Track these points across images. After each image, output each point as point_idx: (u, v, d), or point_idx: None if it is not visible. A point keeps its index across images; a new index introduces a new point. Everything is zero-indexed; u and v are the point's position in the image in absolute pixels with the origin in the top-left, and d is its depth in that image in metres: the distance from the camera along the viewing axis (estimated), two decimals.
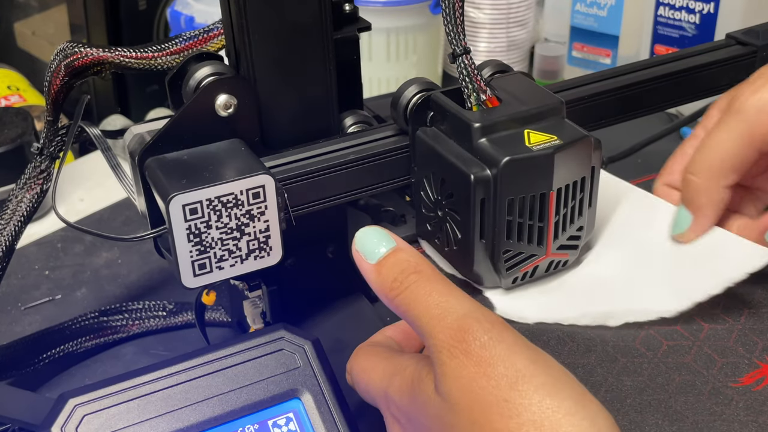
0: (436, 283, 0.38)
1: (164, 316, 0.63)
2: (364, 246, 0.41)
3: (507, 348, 0.35)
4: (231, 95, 0.47)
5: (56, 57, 0.50)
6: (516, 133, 0.46)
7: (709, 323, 0.48)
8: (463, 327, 0.36)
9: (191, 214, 0.43)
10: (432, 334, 0.37)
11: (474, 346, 0.36)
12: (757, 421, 0.42)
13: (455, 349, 0.36)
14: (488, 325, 0.36)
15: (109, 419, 0.40)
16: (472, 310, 0.37)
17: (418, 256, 0.40)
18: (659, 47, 0.93)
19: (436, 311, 0.37)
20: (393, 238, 0.41)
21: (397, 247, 0.40)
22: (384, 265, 0.40)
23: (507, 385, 0.35)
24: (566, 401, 0.34)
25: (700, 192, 0.49)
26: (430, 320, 0.37)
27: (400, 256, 0.40)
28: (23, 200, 0.53)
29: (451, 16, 0.47)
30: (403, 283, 0.39)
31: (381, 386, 0.41)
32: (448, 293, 0.38)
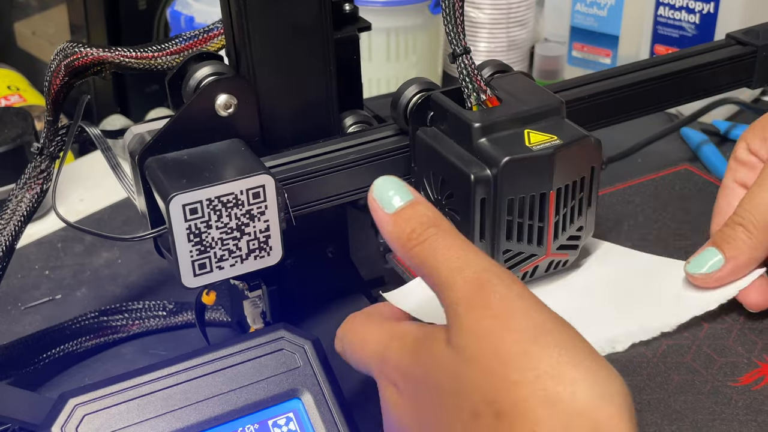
0: (456, 237, 0.38)
1: (164, 316, 0.63)
2: (382, 195, 0.40)
3: (526, 303, 0.35)
4: (231, 95, 0.47)
5: (56, 57, 0.50)
6: (516, 133, 0.46)
7: (708, 322, 0.48)
8: (483, 279, 0.36)
9: (191, 213, 0.43)
10: (450, 286, 0.36)
11: (494, 298, 0.35)
12: (756, 421, 0.42)
13: (474, 300, 0.35)
14: (509, 281, 0.36)
15: (109, 419, 0.40)
16: (493, 265, 0.37)
17: (436, 211, 0.39)
18: (659, 47, 0.93)
19: (455, 263, 0.37)
20: (411, 191, 0.40)
21: (415, 199, 0.40)
22: (402, 215, 0.39)
23: (527, 338, 0.34)
24: (585, 360, 0.34)
25: (746, 246, 0.47)
26: (450, 272, 0.37)
27: (418, 209, 0.39)
28: (23, 200, 0.53)
29: (451, 16, 0.47)
30: (422, 235, 0.38)
31: (377, 349, 0.40)
32: (468, 248, 0.37)
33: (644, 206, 0.59)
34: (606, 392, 0.33)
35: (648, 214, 0.58)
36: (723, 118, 0.89)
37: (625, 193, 0.61)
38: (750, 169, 0.52)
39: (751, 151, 0.52)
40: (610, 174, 0.72)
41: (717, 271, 0.48)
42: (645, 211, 0.59)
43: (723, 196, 0.53)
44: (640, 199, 0.60)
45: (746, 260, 0.48)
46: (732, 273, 0.48)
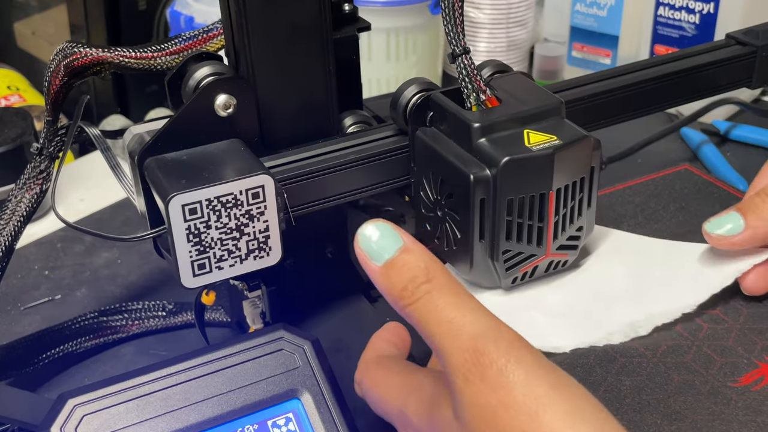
0: (448, 294, 0.36)
1: (164, 316, 0.63)
2: (369, 246, 0.38)
3: (526, 372, 0.33)
4: (230, 95, 0.47)
5: (56, 57, 0.50)
6: (515, 133, 0.46)
7: (708, 323, 0.48)
8: (479, 349, 0.34)
9: (191, 214, 0.43)
10: (446, 355, 0.35)
11: (490, 371, 0.34)
12: (755, 421, 0.42)
13: (471, 373, 0.34)
14: (505, 347, 0.34)
15: (108, 419, 0.40)
16: (488, 328, 0.35)
17: (429, 258, 0.37)
18: (659, 47, 0.93)
19: (448, 329, 0.35)
20: (400, 234, 0.38)
21: (404, 246, 0.37)
22: (392, 268, 0.37)
23: (526, 415, 0.33)
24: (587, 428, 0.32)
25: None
26: (443, 339, 0.35)
27: (408, 260, 0.37)
28: (23, 200, 0.53)
29: (451, 16, 0.47)
30: (414, 294, 0.36)
31: (396, 404, 0.40)
32: (462, 306, 0.36)
33: (644, 206, 0.59)
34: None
35: (648, 214, 0.58)
36: (723, 118, 0.89)
37: (624, 194, 0.61)
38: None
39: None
40: (610, 174, 0.72)
41: (735, 235, 0.47)
42: (645, 211, 0.59)
43: (763, 172, 0.52)
44: (640, 199, 0.60)
45: (765, 232, 0.47)
46: (748, 241, 0.47)
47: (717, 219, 0.48)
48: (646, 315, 0.47)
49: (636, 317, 0.47)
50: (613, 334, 0.46)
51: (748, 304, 0.49)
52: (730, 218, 0.48)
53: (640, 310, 0.47)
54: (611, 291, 0.49)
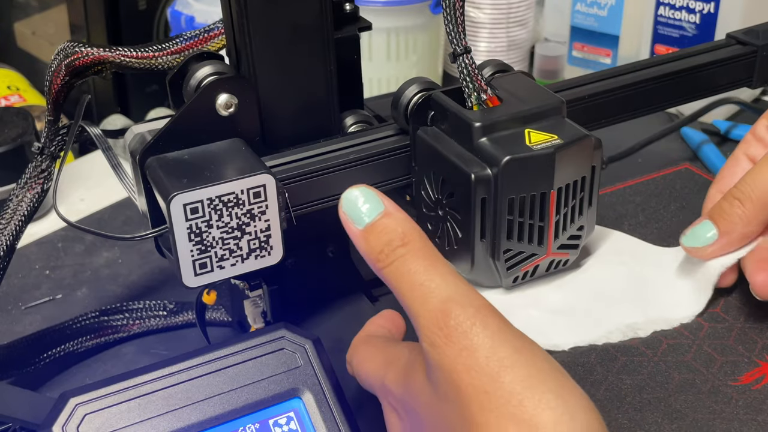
0: (422, 258, 0.37)
1: (165, 316, 0.63)
2: (352, 209, 0.39)
3: (490, 335, 0.34)
4: (232, 95, 0.47)
5: (57, 57, 0.50)
6: (516, 132, 0.46)
7: (708, 322, 0.48)
8: (446, 311, 0.35)
9: (192, 213, 0.43)
10: (416, 317, 0.36)
11: (455, 333, 0.35)
12: (756, 420, 0.42)
13: (437, 336, 0.35)
14: (472, 310, 0.35)
15: (110, 418, 0.40)
16: (457, 293, 0.36)
17: (407, 223, 0.38)
18: (659, 47, 0.93)
19: (419, 292, 0.36)
20: (381, 199, 0.39)
21: (385, 210, 0.39)
22: (371, 232, 0.39)
23: (487, 376, 0.34)
24: (546, 394, 0.33)
25: (740, 221, 0.48)
26: (414, 302, 0.36)
27: (387, 223, 0.38)
28: (24, 200, 0.53)
29: (452, 16, 0.47)
30: (389, 256, 0.38)
31: (378, 376, 0.41)
32: (434, 271, 0.37)
33: (645, 206, 0.59)
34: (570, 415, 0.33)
35: (649, 213, 0.58)
36: (723, 118, 0.89)
37: (625, 193, 0.61)
38: (763, 146, 0.53)
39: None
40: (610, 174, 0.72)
41: (710, 245, 0.48)
42: (646, 211, 0.59)
43: (728, 166, 0.54)
44: (640, 199, 0.60)
45: (739, 235, 0.48)
46: (724, 247, 0.49)
47: (692, 231, 0.49)
48: (645, 319, 0.47)
49: (636, 319, 0.47)
50: (612, 333, 0.46)
51: (748, 303, 0.49)
52: (703, 229, 0.49)
53: (640, 313, 0.47)
54: (611, 291, 0.49)
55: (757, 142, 0.53)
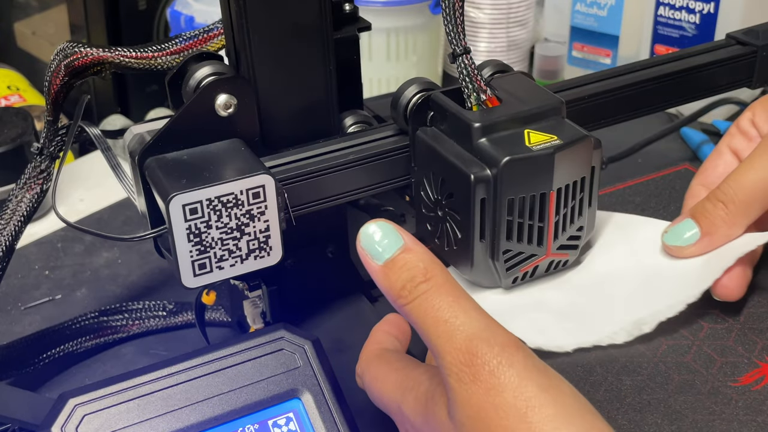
0: (445, 294, 0.37)
1: (164, 316, 0.63)
2: (370, 245, 0.38)
3: (517, 374, 0.34)
4: (231, 95, 0.47)
5: (56, 57, 0.50)
6: (516, 132, 0.46)
7: (708, 323, 0.48)
8: (472, 350, 0.35)
9: (191, 213, 0.43)
10: (441, 355, 0.36)
11: (482, 372, 0.34)
12: (756, 421, 0.42)
13: (464, 374, 0.35)
14: (498, 348, 0.35)
15: (109, 419, 0.40)
16: (482, 329, 0.35)
17: (428, 258, 0.38)
18: (659, 47, 0.93)
19: (444, 329, 0.36)
20: (401, 234, 0.38)
21: (405, 246, 0.38)
22: (392, 268, 0.38)
23: (516, 416, 0.33)
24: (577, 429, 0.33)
25: (723, 223, 0.48)
26: (438, 339, 0.36)
27: (408, 259, 0.38)
28: (23, 200, 0.53)
29: (452, 16, 0.47)
30: (412, 293, 0.37)
31: (394, 399, 0.41)
32: (458, 307, 0.36)
33: (645, 206, 0.59)
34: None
35: (649, 213, 0.58)
36: (723, 118, 0.88)
37: (625, 193, 0.61)
38: (747, 140, 0.53)
39: (754, 124, 0.53)
40: (610, 174, 0.72)
41: (692, 245, 0.48)
42: (646, 211, 0.59)
43: (711, 159, 0.54)
44: (640, 199, 0.60)
45: (722, 237, 0.48)
46: (706, 247, 0.48)
47: (673, 229, 0.49)
48: (651, 311, 0.46)
49: (641, 314, 0.46)
50: (618, 333, 0.46)
51: (748, 303, 0.49)
52: (685, 227, 0.49)
53: (645, 307, 0.47)
54: (616, 287, 0.49)
55: (741, 134, 0.53)
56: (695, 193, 0.52)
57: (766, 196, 0.48)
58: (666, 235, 0.49)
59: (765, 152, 0.48)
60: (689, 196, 0.53)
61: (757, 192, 0.47)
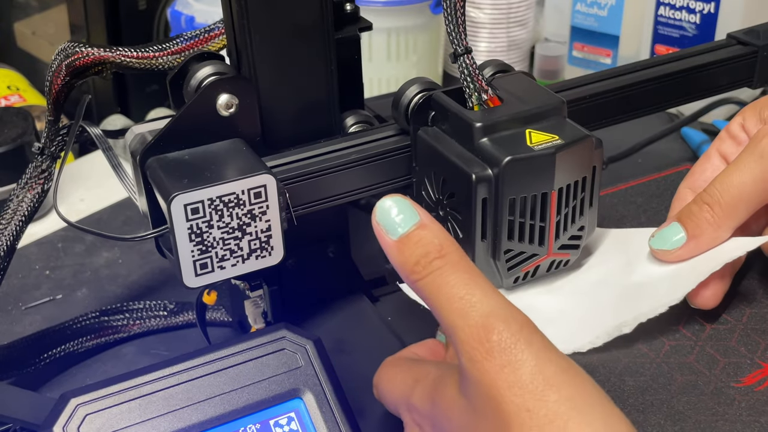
0: (461, 271, 0.36)
1: (165, 316, 0.63)
2: (386, 219, 0.38)
3: (534, 353, 0.33)
4: (232, 95, 0.47)
5: (57, 57, 0.50)
6: (517, 132, 0.46)
7: (711, 323, 0.48)
8: (488, 326, 0.34)
9: (193, 213, 0.43)
10: (455, 331, 0.35)
11: (497, 348, 0.33)
12: (759, 421, 0.42)
13: (477, 351, 0.34)
14: (516, 327, 0.34)
15: (110, 419, 0.40)
16: (499, 307, 0.35)
17: (443, 235, 0.37)
18: (659, 47, 0.93)
19: (459, 305, 0.35)
20: (417, 210, 0.37)
21: (421, 222, 0.37)
22: (406, 243, 0.37)
23: (531, 394, 0.33)
24: (595, 422, 0.32)
25: (709, 226, 0.48)
26: (452, 314, 0.35)
27: (423, 235, 0.37)
28: (24, 200, 0.53)
29: (453, 16, 0.47)
30: (426, 268, 0.36)
31: (403, 394, 0.40)
32: (475, 285, 0.35)
33: (646, 206, 0.59)
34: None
35: (650, 214, 0.58)
36: (723, 118, 0.89)
37: (627, 193, 0.61)
38: (736, 144, 0.52)
39: (744, 128, 0.52)
40: (610, 174, 0.72)
41: (678, 248, 0.48)
42: (647, 212, 0.59)
43: (700, 162, 0.54)
44: (642, 200, 0.60)
45: (708, 239, 0.48)
46: (693, 250, 0.48)
47: (660, 233, 0.49)
48: (633, 315, 0.46)
49: (623, 318, 0.46)
50: (599, 337, 0.46)
51: (751, 304, 0.49)
52: (671, 231, 0.49)
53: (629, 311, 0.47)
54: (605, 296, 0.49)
55: (731, 139, 0.53)
56: (682, 196, 0.52)
57: (752, 198, 0.47)
58: (653, 240, 0.49)
59: (751, 155, 0.48)
60: (676, 200, 0.53)
61: (743, 194, 0.47)
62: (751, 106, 0.53)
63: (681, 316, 0.48)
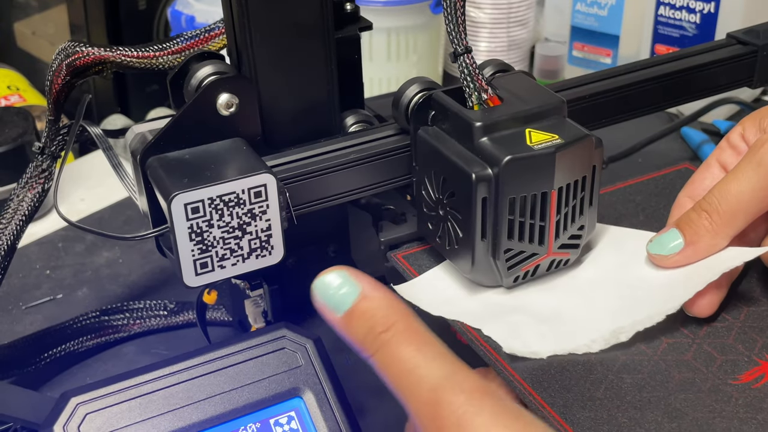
0: (407, 343, 0.35)
1: (165, 316, 0.63)
2: (326, 296, 0.38)
3: (484, 422, 0.33)
4: (232, 94, 0.47)
5: (58, 56, 0.50)
6: (517, 132, 0.46)
7: (708, 321, 0.48)
8: (436, 401, 0.33)
9: (193, 213, 0.43)
10: (408, 406, 0.35)
11: (448, 423, 0.33)
12: (756, 419, 0.42)
13: (430, 426, 0.33)
14: (464, 397, 0.33)
15: (111, 418, 0.40)
16: (446, 377, 0.34)
17: (387, 304, 0.36)
18: (659, 47, 0.93)
19: (408, 381, 0.34)
20: (357, 280, 0.37)
21: (362, 294, 0.37)
22: (351, 318, 0.37)
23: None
24: None
25: (707, 233, 0.48)
26: (404, 391, 0.35)
27: (367, 309, 0.36)
28: (25, 200, 0.53)
29: (453, 16, 0.47)
30: (373, 344, 0.36)
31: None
32: (420, 356, 0.35)
33: (645, 205, 0.59)
34: None
35: (649, 213, 0.58)
36: (723, 118, 0.89)
37: (626, 192, 0.61)
38: (736, 154, 0.53)
39: (744, 138, 0.53)
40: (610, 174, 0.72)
41: (675, 254, 0.48)
42: (646, 210, 0.59)
43: (700, 171, 0.54)
44: (641, 198, 0.60)
45: (706, 246, 0.48)
46: (690, 257, 0.48)
47: (658, 238, 0.49)
48: (631, 321, 0.46)
49: (621, 323, 0.46)
50: (596, 341, 0.46)
51: (748, 302, 0.49)
52: (670, 237, 0.49)
53: (626, 317, 0.47)
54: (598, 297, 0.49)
55: (731, 149, 0.53)
56: (681, 204, 0.53)
57: (750, 207, 0.48)
58: (650, 245, 0.49)
59: (750, 163, 0.48)
60: (675, 208, 0.53)
61: (742, 203, 0.47)
62: (751, 116, 0.53)
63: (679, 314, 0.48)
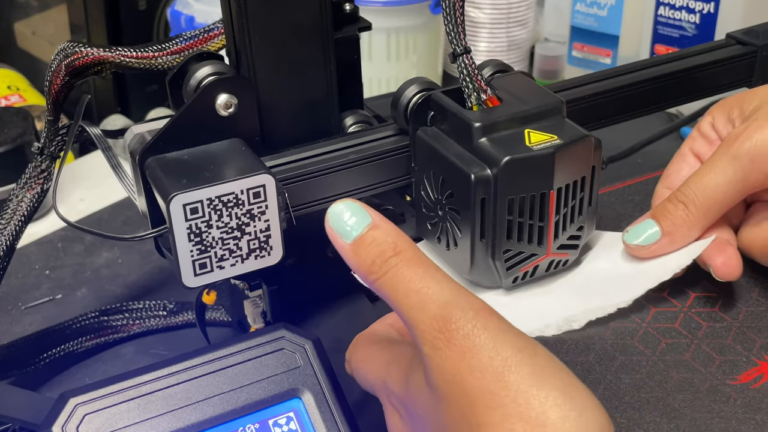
0: (416, 266, 0.37)
1: (164, 316, 0.63)
2: (339, 224, 0.39)
3: (491, 336, 0.34)
4: (231, 95, 0.47)
5: (57, 57, 0.50)
6: (516, 132, 0.46)
7: (707, 321, 0.48)
8: (445, 316, 0.35)
9: (192, 213, 0.43)
10: (414, 324, 0.36)
11: (457, 336, 0.35)
12: (754, 419, 0.42)
13: (438, 340, 0.35)
14: (472, 313, 0.35)
15: (109, 418, 0.40)
16: (455, 297, 0.36)
17: (396, 234, 0.38)
18: (659, 47, 0.93)
19: (416, 299, 0.36)
20: (368, 212, 0.39)
21: (373, 223, 0.38)
22: (360, 245, 0.38)
23: (492, 376, 0.34)
24: (553, 392, 0.33)
25: (684, 224, 0.48)
26: (411, 309, 0.36)
27: (377, 235, 0.38)
28: (24, 200, 0.53)
29: (452, 16, 0.47)
30: (381, 267, 0.37)
31: (380, 376, 0.41)
32: (430, 277, 0.37)
33: (644, 205, 0.59)
34: (578, 411, 0.33)
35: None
36: None
37: (624, 192, 0.61)
38: (707, 143, 0.53)
39: (714, 127, 0.53)
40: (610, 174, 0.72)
41: (652, 243, 0.49)
42: (645, 210, 0.59)
43: (674, 162, 0.54)
44: (639, 198, 0.60)
45: (681, 236, 0.49)
46: (666, 247, 0.49)
47: (634, 228, 0.50)
48: (582, 310, 0.47)
49: (572, 311, 0.47)
50: (549, 326, 0.46)
51: (747, 302, 0.49)
52: (645, 226, 0.49)
53: (580, 304, 0.47)
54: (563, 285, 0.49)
55: (702, 138, 0.54)
56: (660, 196, 0.53)
57: (726, 199, 0.48)
58: (626, 235, 0.50)
59: (725, 156, 0.48)
60: (655, 199, 0.53)
61: (718, 195, 0.48)
62: (719, 105, 0.54)
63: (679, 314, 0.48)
